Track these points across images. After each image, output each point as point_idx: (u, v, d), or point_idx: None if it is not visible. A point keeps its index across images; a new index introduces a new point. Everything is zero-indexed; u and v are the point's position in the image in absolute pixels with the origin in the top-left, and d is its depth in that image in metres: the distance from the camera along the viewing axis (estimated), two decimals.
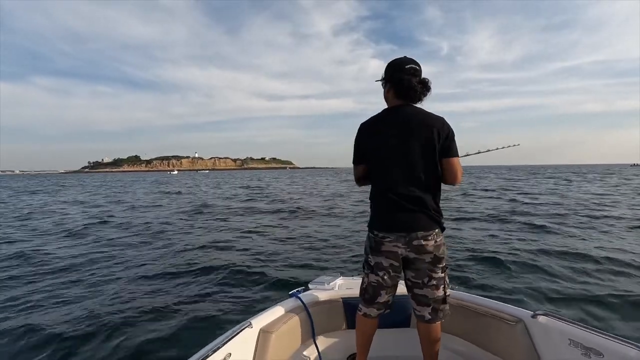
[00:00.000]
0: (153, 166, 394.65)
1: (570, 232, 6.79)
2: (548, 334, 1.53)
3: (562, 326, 1.49)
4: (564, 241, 6.06)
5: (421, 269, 1.54)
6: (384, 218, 1.56)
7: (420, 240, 1.49)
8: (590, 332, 1.40)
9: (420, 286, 1.56)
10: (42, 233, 8.32)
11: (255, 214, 11.28)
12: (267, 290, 4.03)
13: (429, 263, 1.52)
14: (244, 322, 1.63)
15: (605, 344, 1.32)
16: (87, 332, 3.06)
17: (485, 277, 4.25)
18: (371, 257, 1.60)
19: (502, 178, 36.09)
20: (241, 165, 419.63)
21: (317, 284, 2.13)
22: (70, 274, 4.82)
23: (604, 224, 7.71)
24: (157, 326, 3.14)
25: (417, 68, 1.56)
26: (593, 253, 5.14)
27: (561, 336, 1.47)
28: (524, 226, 7.58)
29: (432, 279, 1.54)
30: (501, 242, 6.13)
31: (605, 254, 5.04)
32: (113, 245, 6.76)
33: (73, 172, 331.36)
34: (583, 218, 8.56)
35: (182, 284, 4.29)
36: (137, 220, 10.19)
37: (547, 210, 10.18)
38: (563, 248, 5.49)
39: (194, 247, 6.35)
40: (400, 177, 1.52)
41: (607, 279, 4.07)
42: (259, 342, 1.63)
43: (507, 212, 9.75)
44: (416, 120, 1.53)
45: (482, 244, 6.00)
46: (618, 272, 4.28)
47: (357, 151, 1.66)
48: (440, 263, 1.54)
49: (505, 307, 1.74)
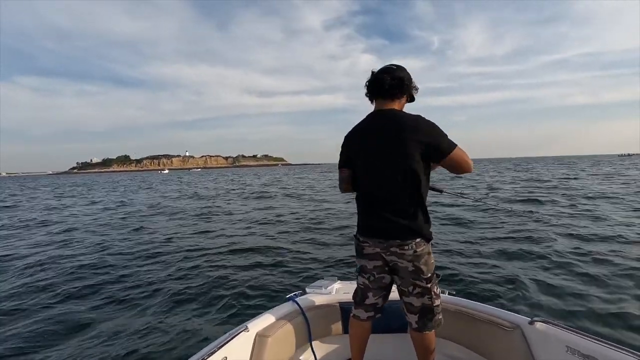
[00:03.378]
0: (143, 166, 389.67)
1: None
2: (545, 340, 1.52)
3: (560, 333, 1.48)
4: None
5: (405, 278, 1.53)
6: (364, 223, 1.58)
7: (396, 249, 1.47)
8: (588, 340, 1.39)
9: (407, 294, 1.56)
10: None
11: (249, 213, 11.28)
12: (264, 294, 4.01)
13: (411, 272, 1.50)
14: (241, 326, 1.63)
15: (603, 352, 1.32)
16: (77, 334, 3.04)
17: (483, 281, 4.24)
18: (357, 260, 1.65)
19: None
20: (233, 163, 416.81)
21: (314, 288, 2.12)
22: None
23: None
24: (152, 330, 3.12)
25: (392, 67, 1.56)
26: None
27: (558, 343, 1.46)
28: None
29: (416, 288, 1.52)
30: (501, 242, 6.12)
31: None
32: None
33: (62, 174, 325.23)
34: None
35: (176, 286, 4.27)
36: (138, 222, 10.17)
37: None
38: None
39: (191, 248, 6.33)
40: (377, 184, 1.51)
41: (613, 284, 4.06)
42: (255, 346, 1.62)
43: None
44: (390, 125, 1.48)
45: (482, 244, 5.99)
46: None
47: (341, 157, 1.68)
48: (423, 274, 1.50)
49: (502, 313, 1.73)
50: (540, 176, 24.11)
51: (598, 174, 25.04)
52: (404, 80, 1.53)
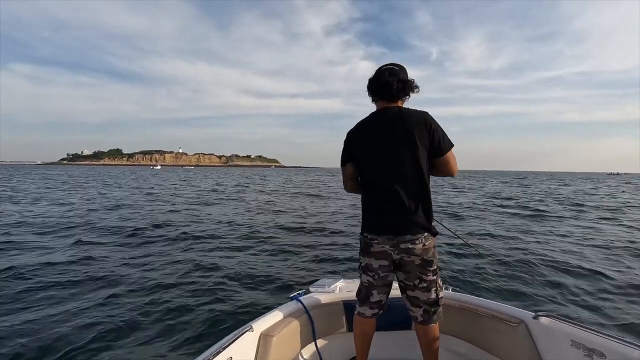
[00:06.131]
0: (135, 160, 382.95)
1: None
2: (550, 335, 1.53)
3: (564, 327, 1.49)
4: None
5: (411, 272, 1.55)
6: (372, 221, 1.59)
7: (407, 244, 1.50)
8: (592, 333, 1.39)
9: (412, 288, 1.58)
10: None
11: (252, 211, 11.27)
12: (268, 294, 4.01)
13: (418, 266, 1.53)
14: (245, 326, 1.63)
15: (608, 345, 1.32)
16: (81, 337, 3.05)
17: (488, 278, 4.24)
18: (362, 259, 1.64)
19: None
20: (226, 162, 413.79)
21: (318, 286, 2.12)
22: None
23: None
24: (157, 331, 3.13)
25: (395, 68, 1.59)
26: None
27: (563, 337, 1.46)
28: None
29: (422, 282, 1.55)
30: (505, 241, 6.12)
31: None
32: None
33: (51, 164, 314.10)
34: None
35: (181, 288, 4.27)
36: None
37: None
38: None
39: (196, 248, 6.33)
40: (386, 180, 1.53)
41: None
42: (259, 346, 1.62)
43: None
44: (399, 121, 1.52)
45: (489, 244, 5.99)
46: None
47: (345, 152, 1.67)
48: (430, 266, 1.54)
49: (506, 308, 1.74)
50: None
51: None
52: (407, 83, 1.58)
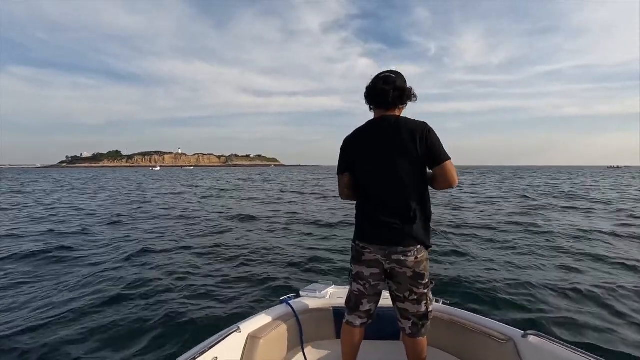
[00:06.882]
0: (134, 162, 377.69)
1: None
2: (538, 354, 1.52)
3: (552, 347, 1.48)
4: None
5: (402, 283, 1.53)
6: (365, 230, 1.57)
7: (399, 256, 1.48)
8: (580, 355, 1.39)
9: (402, 300, 1.56)
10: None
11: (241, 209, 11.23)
12: (258, 295, 3.98)
13: (409, 278, 1.51)
14: (233, 326, 1.62)
15: None
16: (67, 333, 3.01)
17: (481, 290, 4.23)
18: (353, 266, 1.63)
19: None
20: (225, 162, 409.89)
21: (308, 291, 2.11)
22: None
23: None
24: (143, 329, 3.09)
25: (392, 76, 1.55)
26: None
27: (551, 357, 1.46)
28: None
29: (413, 294, 1.53)
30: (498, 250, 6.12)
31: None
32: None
33: (51, 167, 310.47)
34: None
35: (169, 284, 4.24)
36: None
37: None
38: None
39: (187, 245, 6.29)
40: (381, 191, 1.51)
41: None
42: (246, 347, 1.61)
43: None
44: (396, 131, 1.49)
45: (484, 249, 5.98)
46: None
47: (341, 161, 1.65)
48: (422, 279, 1.52)
49: (495, 325, 1.73)
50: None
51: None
52: (405, 91, 1.56)
